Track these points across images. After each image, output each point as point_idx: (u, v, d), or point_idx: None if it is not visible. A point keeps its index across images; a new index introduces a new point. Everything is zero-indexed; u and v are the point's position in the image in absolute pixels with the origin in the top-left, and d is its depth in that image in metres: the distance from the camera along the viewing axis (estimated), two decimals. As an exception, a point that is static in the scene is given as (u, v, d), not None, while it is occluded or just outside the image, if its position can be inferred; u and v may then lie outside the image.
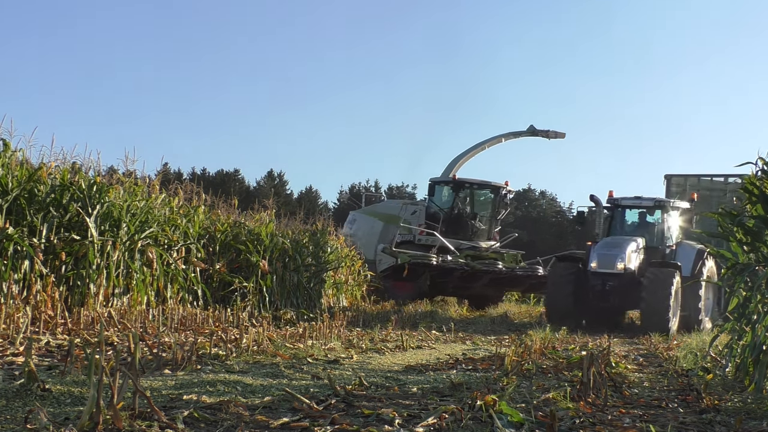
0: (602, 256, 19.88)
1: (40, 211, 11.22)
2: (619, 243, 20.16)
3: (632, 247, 20.02)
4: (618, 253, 19.77)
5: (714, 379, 8.80)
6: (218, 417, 5.24)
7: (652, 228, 21.37)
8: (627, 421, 5.86)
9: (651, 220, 21.59)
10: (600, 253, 20.00)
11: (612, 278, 19.62)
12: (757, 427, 5.82)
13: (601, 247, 20.26)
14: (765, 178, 8.88)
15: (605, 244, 20.38)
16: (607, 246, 20.20)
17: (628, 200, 21.44)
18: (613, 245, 20.12)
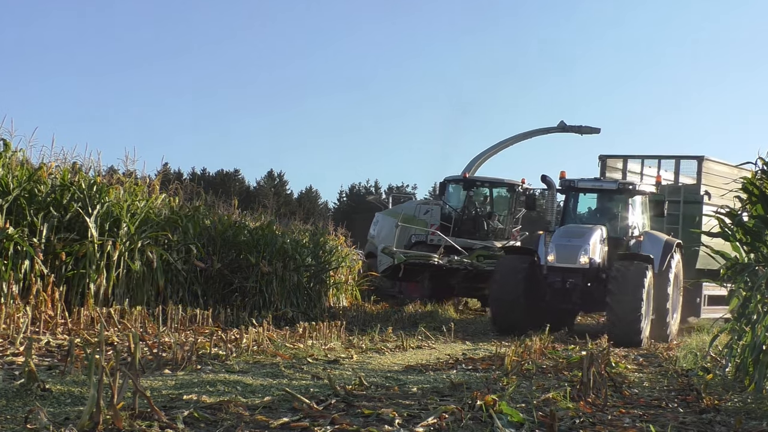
0: (562, 248, 16.44)
1: (40, 211, 11.22)
2: (581, 232, 16.73)
3: (596, 236, 16.58)
4: (581, 243, 16.34)
5: (714, 379, 8.80)
6: (218, 417, 5.24)
7: (614, 215, 17.99)
8: (627, 421, 5.86)
9: (613, 207, 18.24)
10: (559, 244, 16.51)
11: (574, 274, 16.28)
12: (757, 427, 5.82)
13: (559, 236, 16.76)
14: (765, 178, 8.89)
15: (565, 233, 16.83)
16: (567, 235, 16.68)
17: (585, 182, 18.23)
18: (574, 234, 16.66)
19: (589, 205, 18.62)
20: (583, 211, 18.45)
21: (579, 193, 18.30)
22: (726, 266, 9.33)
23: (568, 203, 18.29)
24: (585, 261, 16.23)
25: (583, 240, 16.38)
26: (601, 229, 16.76)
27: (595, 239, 16.48)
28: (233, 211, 18.05)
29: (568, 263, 16.25)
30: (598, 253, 16.59)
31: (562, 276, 16.31)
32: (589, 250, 16.31)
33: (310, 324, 12.72)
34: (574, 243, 16.37)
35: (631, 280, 15.49)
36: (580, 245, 16.30)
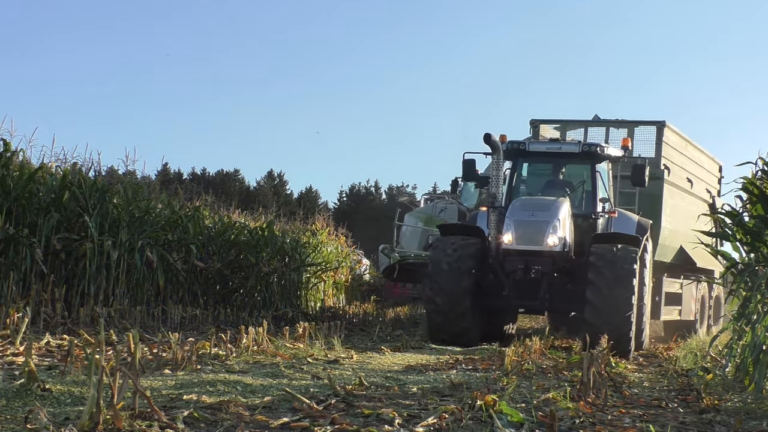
0: (523, 225, 12.68)
1: (41, 211, 11.22)
2: (546, 204, 13.00)
3: (565, 210, 12.96)
4: (548, 218, 12.64)
5: (714, 379, 8.80)
6: (218, 417, 5.24)
7: (577, 188, 14.15)
8: (627, 421, 5.86)
9: (575, 176, 14.39)
10: (519, 219, 12.72)
11: (541, 260, 12.65)
12: (757, 427, 5.82)
13: (519, 210, 12.91)
14: (765, 178, 8.89)
15: (525, 205, 13.08)
16: (529, 208, 12.93)
17: (539, 145, 14.39)
18: (537, 207, 12.97)
19: (543, 174, 14.73)
20: (536, 183, 14.54)
21: (530, 159, 14.43)
22: (726, 266, 9.34)
23: (516, 173, 14.33)
24: (555, 242, 12.56)
25: (551, 214, 12.71)
26: (568, 203, 13.26)
27: (564, 213, 12.87)
28: (233, 211, 18.07)
29: (533, 245, 12.60)
30: (569, 233, 13.09)
31: (525, 263, 12.60)
32: (559, 227, 12.69)
33: (309, 324, 12.73)
34: (540, 218, 12.66)
35: (619, 267, 12.26)
36: (548, 221, 12.58)
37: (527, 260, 12.65)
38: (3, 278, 10.28)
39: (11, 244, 10.53)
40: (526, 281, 12.73)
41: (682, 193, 17.50)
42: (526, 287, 12.80)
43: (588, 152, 13.80)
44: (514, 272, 12.75)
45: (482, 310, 13.30)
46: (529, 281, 12.74)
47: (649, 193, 15.55)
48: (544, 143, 14.59)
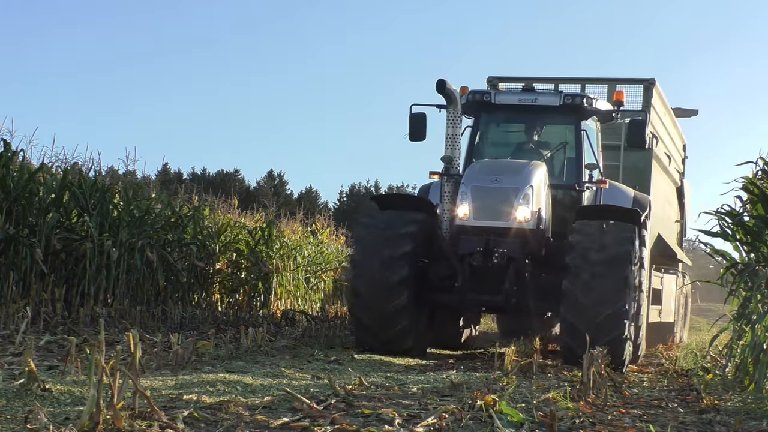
0: (484, 194, 9.89)
1: (41, 211, 11.22)
2: (515, 167, 10.23)
3: (540, 176, 10.18)
4: (518, 185, 9.85)
5: (714, 379, 8.81)
6: (218, 417, 5.24)
7: (558, 151, 11.36)
8: (627, 421, 5.86)
9: (555, 136, 11.59)
10: (479, 186, 9.94)
11: (506, 240, 9.76)
12: (757, 427, 5.82)
13: (479, 174, 10.15)
14: (765, 178, 8.89)
15: (488, 168, 10.35)
16: (491, 171, 10.15)
17: (509, 96, 11.39)
18: (503, 170, 10.19)
19: (513, 135, 12.03)
20: (505, 146, 11.83)
21: (497, 114, 11.53)
22: (726, 266, 9.34)
23: (479, 132, 11.48)
24: (525, 215, 9.69)
25: (521, 179, 9.83)
26: (544, 168, 10.39)
27: (539, 180, 10.03)
28: (233, 211, 18.07)
29: (496, 220, 9.75)
30: (545, 207, 10.23)
31: (485, 243, 9.66)
32: (532, 198, 9.80)
33: (309, 323, 12.73)
34: (506, 184, 9.79)
35: (610, 249, 9.36)
36: (517, 188, 9.73)
37: (488, 240, 9.61)
38: (3, 278, 10.29)
39: (11, 244, 10.54)
40: (486, 269, 9.64)
41: (662, 171, 14.98)
42: (486, 277, 9.73)
43: (572, 105, 10.88)
44: (471, 256, 9.65)
45: (430, 308, 10.48)
46: (489, 269, 9.64)
47: (633, 167, 13.02)
48: (516, 94, 11.40)
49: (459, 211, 10.00)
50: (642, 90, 13.81)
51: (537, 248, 10.06)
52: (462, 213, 9.94)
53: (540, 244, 10.13)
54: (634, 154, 13.07)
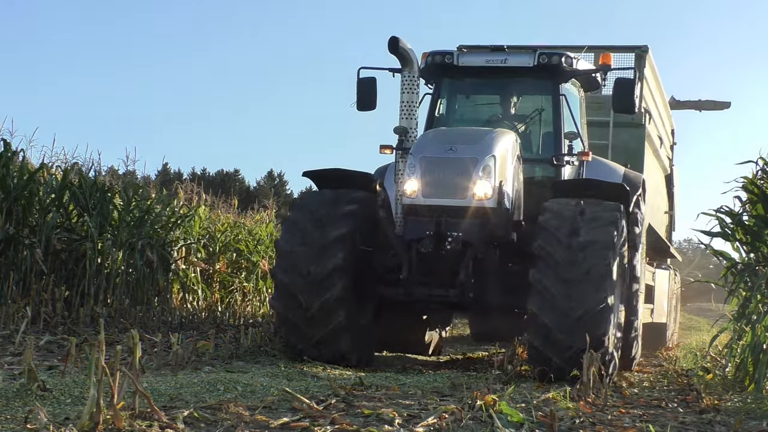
0: (434, 166, 8.45)
1: (41, 211, 11.22)
2: (474, 135, 8.78)
3: (507, 145, 8.63)
4: (476, 155, 8.35)
5: (714, 379, 8.81)
6: (218, 417, 5.24)
7: (533, 120, 9.85)
8: (627, 421, 5.86)
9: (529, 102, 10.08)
10: (428, 157, 8.49)
11: (462, 223, 8.28)
12: (757, 427, 5.82)
13: (429, 143, 8.74)
14: (765, 178, 8.90)
15: (439, 136, 8.91)
16: (446, 140, 8.71)
17: (477, 57, 9.80)
18: (460, 138, 8.74)
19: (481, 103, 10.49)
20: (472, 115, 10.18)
21: (462, 79, 9.94)
22: (726, 266, 9.35)
23: (440, 100, 9.96)
24: (486, 192, 8.17)
25: (481, 148, 8.33)
26: (512, 137, 8.81)
27: (505, 151, 8.48)
28: (233, 211, 18.08)
29: (450, 197, 8.27)
30: (514, 183, 8.67)
31: (436, 226, 8.18)
32: (495, 170, 8.23)
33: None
34: (462, 154, 8.32)
35: (588, 233, 7.88)
36: (476, 158, 8.23)
37: (440, 222, 8.10)
38: (3, 278, 10.28)
39: (11, 244, 10.53)
40: (438, 257, 8.12)
41: (654, 154, 13.48)
42: (438, 267, 8.23)
43: (548, 65, 9.37)
44: (419, 242, 8.14)
45: (377, 306, 8.97)
46: (442, 257, 8.13)
47: (624, 146, 11.61)
48: (482, 55, 9.83)
49: (406, 187, 8.40)
50: (633, 59, 11.95)
51: (502, 232, 8.37)
52: (410, 190, 8.35)
53: (506, 227, 8.40)
54: (624, 132, 11.69)
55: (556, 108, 9.53)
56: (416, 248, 8.28)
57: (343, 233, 8.34)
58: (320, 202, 8.63)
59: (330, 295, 8.21)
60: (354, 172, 8.97)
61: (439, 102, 10.03)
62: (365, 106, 9.90)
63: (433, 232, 8.22)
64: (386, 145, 9.53)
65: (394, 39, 9.21)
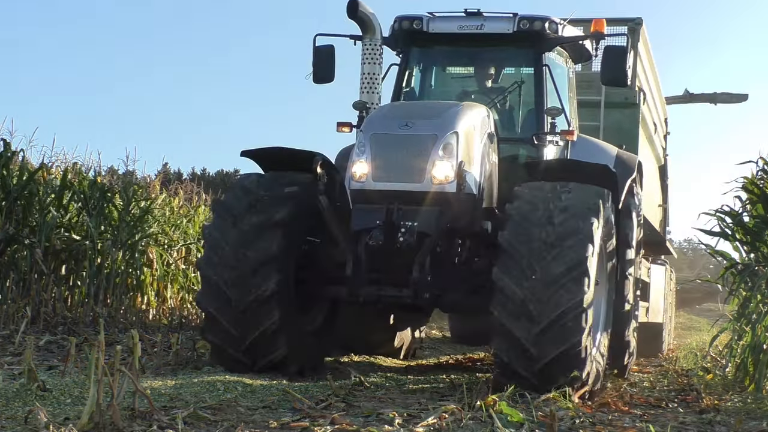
0: (386, 144, 7.35)
1: (41, 211, 11.22)
2: (435, 109, 7.71)
3: (474, 121, 7.54)
4: (435, 132, 7.26)
5: (714, 379, 8.81)
6: (218, 417, 5.25)
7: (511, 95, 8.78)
8: (627, 421, 5.87)
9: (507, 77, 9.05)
10: (380, 134, 7.40)
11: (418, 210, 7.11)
12: (757, 427, 5.83)
13: (381, 119, 7.65)
14: (765, 178, 8.90)
15: (395, 111, 7.80)
16: (401, 115, 7.59)
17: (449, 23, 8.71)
18: (418, 112, 7.67)
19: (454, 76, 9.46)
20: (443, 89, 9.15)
21: (432, 48, 8.95)
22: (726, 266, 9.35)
23: (408, 71, 8.89)
24: (446, 174, 7.06)
25: (443, 123, 7.25)
26: (482, 111, 7.69)
27: (471, 127, 7.38)
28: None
29: (407, 181, 7.13)
30: (480, 162, 7.43)
31: (387, 214, 7.02)
32: (458, 149, 7.13)
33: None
34: (420, 130, 7.23)
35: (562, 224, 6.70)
36: (436, 134, 7.16)
37: (392, 210, 6.97)
38: (3, 278, 10.29)
39: (11, 244, 10.54)
40: (390, 251, 6.98)
41: (648, 140, 12.43)
42: (389, 263, 7.12)
43: (530, 32, 8.36)
44: (369, 234, 7.01)
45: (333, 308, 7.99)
46: (395, 251, 6.98)
47: (616, 128, 10.56)
48: (456, 20, 8.67)
49: (354, 169, 7.24)
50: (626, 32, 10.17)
51: (466, 221, 7.24)
52: (358, 172, 7.21)
53: (472, 215, 7.28)
54: (617, 113, 10.73)
55: (539, 80, 8.46)
56: (365, 241, 7.08)
57: (280, 218, 7.16)
58: (256, 183, 7.48)
59: (262, 291, 7.01)
60: (300, 152, 7.65)
61: (406, 74, 8.92)
62: (322, 78, 8.83)
63: (384, 222, 7.02)
64: (344, 123, 8.44)
65: (353, 2, 8.40)
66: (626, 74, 8.36)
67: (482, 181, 7.45)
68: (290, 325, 7.30)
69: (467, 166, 7.24)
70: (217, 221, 7.37)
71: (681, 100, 20.77)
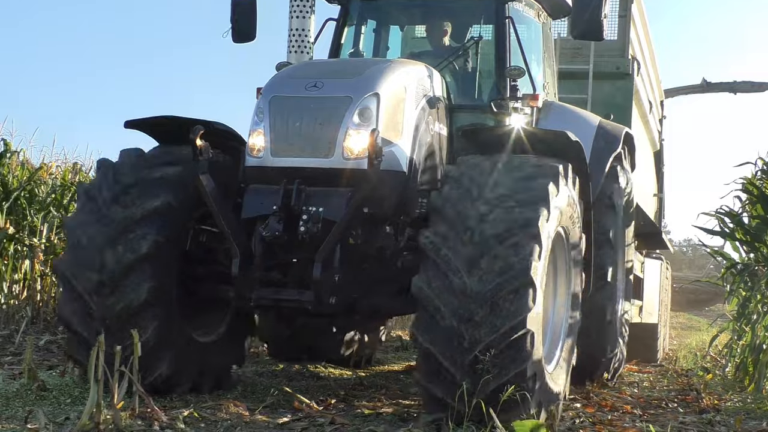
0: (289, 110, 5.79)
1: (41, 211, 11.22)
2: (350, 67, 6.45)
3: (400, 80, 5.99)
4: (350, 93, 5.76)
5: (714, 379, 8.82)
6: (218, 417, 5.25)
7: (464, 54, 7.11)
8: (627, 421, 5.87)
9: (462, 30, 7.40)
10: (282, 98, 5.88)
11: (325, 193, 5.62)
12: (757, 427, 5.83)
13: (285, 80, 6.10)
14: (765, 178, 8.92)
15: (302, 71, 6.32)
16: (309, 74, 6.04)
17: None
18: (329, 71, 6.24)
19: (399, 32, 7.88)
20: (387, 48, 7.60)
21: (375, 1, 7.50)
22: (726, 266, 9.36)
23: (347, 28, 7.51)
24: (362, 146, 5.61)
25: (359, 83, 5.88)
26: (417, 70, 6.34)
27: (398, 87, 5.99)
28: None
29: (311, 155, 5.74)
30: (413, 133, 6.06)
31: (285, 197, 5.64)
32: (379, 114, 5.74)
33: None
34: (330, 92, 5.85)
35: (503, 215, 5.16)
36: (349, 96, 5.78)
37: (290, 192, 5.61)
38: (3, 278, 10.30)
39: (11, 245, 10.54)
40: (288, 245, 5.63)
41: (642, 120, 11.10)
42: (287, 259, 5.81)
43: None
44: (265, 223, 5.61)
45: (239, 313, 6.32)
46: (294, 245, 5.62)
47: (607, 101, 9.21)
48: None
49: (252, 141, 5.85)
50: None
51: (394, 206, 5.84)
52: (257, 145, 5.82)
53: (401, 198, 5.87)
54: (608, 85, 9.43)
55: (500, 36, 6.98)
56: (259, 232, 5.64)
57: (156, 207, 5.68)
58: (130, 163, 5.93)
59: (131, 300, 5.55)
60: (195, 121, 5.89)
61: (345, 30, 7.49)
62: (243, 36, 7.44)
63: (282, 207, 5.57)
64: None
65: None
66: (601, 24, 6.83)
67: (416, 156, 5.99)
68: (174, 338, 5.79)
69: (393, 137, 5.80)
70: (79, 213, 5.89)
71: (698, 90, 19.37)
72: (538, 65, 7.47)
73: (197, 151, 5.71)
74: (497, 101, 6.80)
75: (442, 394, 5.10)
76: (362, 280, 5.88)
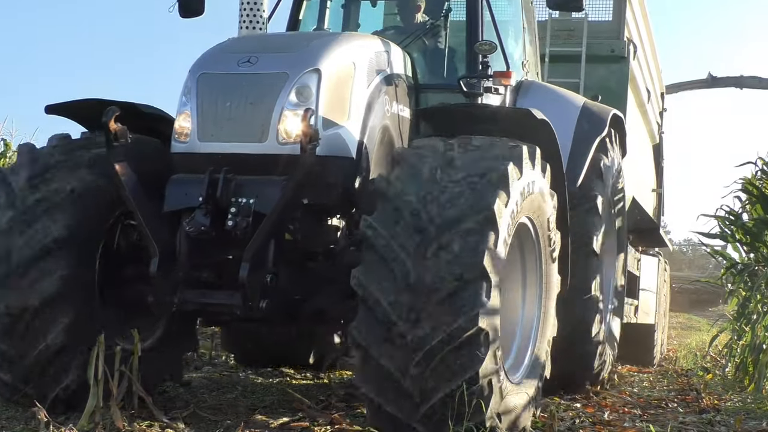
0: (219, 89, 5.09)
1: (40, 211, 11.22)
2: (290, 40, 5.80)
3: (348, 54, 5.31)
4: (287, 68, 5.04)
5: (714, 379, 8.82)
6: (218, 417, 5.25)
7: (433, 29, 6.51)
8: (627, 421, 5.87)
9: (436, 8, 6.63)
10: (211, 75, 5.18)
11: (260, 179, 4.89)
12: (757, 427, 5.83)
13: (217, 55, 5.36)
14: (765, 179, 8.92)
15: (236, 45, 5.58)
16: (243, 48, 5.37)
17: None
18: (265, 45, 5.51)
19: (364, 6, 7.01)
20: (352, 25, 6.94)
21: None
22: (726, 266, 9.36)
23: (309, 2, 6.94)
24: (297, 129, 4.81)
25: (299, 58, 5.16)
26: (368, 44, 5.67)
27: (345, 62, 5.28)
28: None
29: (242, 139, 5.02)
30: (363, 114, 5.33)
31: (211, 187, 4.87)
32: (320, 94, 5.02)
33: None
34: (264, 68, 5.10)
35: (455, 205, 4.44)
36: (286, 72, 5.05)
37: (217, 181, 4.93)
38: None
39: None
40: (213, 242, 4.96)
41: (639, 109, 10.49)
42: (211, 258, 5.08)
43: None
44: (190, 216, 4.93)
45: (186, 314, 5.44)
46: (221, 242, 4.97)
47: (600, 86, 8.59)
48: None
49: (177, 125, 5.24)
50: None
51: (339, 196, 5.21)
52: (184, 130, 5.19)
53: (343, 188, 5.19)
54: (602, 68, 8.89)
55: (472, 8, 6.36)
56: (184, 226, 4.95)
57: (68, 193, 5.08)
58: (47, 151, 5.33)
59: (38, 294, 4.89)
60: (121, 104, 5.17)
61: (304, 4, 6.89)
62: (190, 11, 6.72)
63: (207, 198, 4.90)
64: None
65: None
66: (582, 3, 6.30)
67: (367, 140, 5.33)
68: (88, 343, 4.89)
69: (338, 119, 5.16)
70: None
71: (704, 85, 18.84)
72: (516, 42, 6.87)
73: (110, 136, 4.96)
74: (467, 80, 6.16)
75: (388, 404, 4.42)
76: (305, 280, 5.20)
